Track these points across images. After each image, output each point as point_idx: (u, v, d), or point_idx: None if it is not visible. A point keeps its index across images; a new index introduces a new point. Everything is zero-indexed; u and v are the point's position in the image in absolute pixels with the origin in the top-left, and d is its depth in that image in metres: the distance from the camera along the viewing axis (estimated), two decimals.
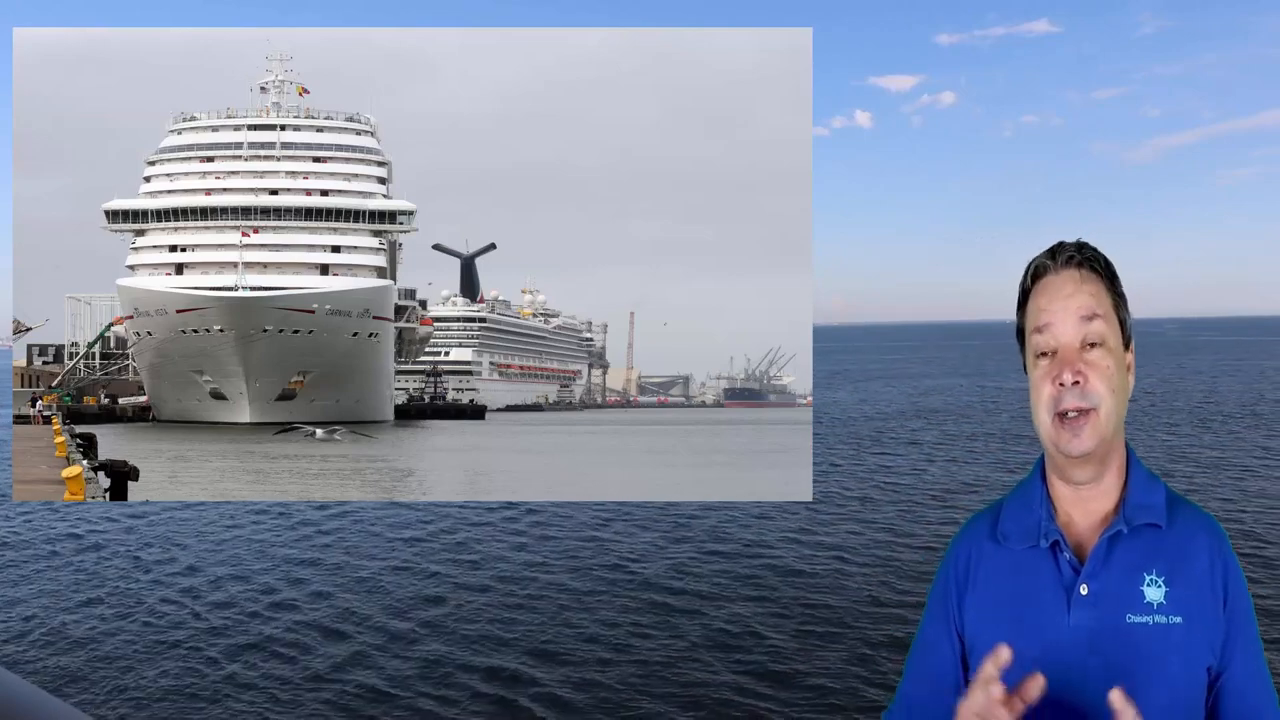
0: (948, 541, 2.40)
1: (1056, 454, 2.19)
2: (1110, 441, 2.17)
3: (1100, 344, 2.16)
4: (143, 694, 16.67)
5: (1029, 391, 2.24)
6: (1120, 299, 2.22)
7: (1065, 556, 2.18)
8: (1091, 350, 2.16)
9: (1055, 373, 2.15)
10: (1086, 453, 2.14)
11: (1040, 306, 2.20)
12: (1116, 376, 2.16)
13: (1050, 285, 2.21)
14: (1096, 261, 2.21)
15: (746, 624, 19.59)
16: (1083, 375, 2.13)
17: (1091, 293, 2.18)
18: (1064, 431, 2.14)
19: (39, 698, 1.26)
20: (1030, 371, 2.23)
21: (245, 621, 20.51)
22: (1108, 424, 2.14)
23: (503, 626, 19.81)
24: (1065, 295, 2.18)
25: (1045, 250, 2.25)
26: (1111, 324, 2.19)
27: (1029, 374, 2.24)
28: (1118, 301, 2.22)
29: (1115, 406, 2.16)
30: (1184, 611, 2.09)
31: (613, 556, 25.33)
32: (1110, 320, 2.19)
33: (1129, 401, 2.25)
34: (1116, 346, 2.19)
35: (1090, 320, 2.16)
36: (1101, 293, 2.19)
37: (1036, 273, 2.24)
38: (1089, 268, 2.20)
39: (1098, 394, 2.13)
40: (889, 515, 29.88)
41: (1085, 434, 2.13)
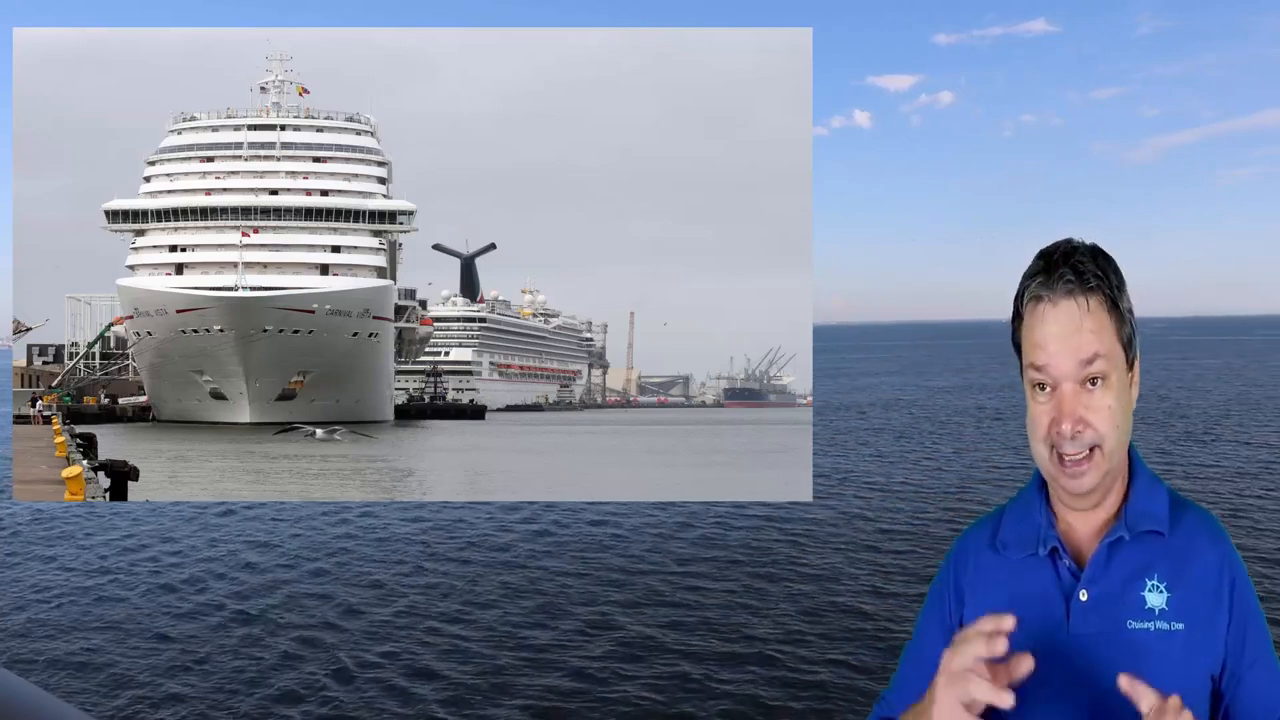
0: (947, 541, 2.37)
1: (1056, 486, 2.13)
2: (1114, 471, 2.11)
3: (1102, 380, 2.05)
4: (143, 693, 16.67)
5: (1025, 404, 2.15)
6: (1123, 318, 2.07)
7: (1064, 563, 2.13)
8: (1093, 389, 2.04)
9: (1054, 415, 2.06)
10: (1089, 491, 2.09)
11: (1036, 342, 2.06)
12: (1119, 411, 2.06)
13: (1047, 317, 2.05)
14: (1097, 283, 2.04)
15: (746, 623, 19.59)
16: (1083, 424, 2.03)
17: (1093, 329, 2.03)
18: (1063, 473, 2.07)
19: (39, 698, 1.25)
20: (1027, 397, 2.13)
21: (245, 621, 20.50)
22: (1110, 459, 2.07)
23: (502, 626, 19.80)
24: (1063, 336, 2.03)
25: (1042, 260, 2.08)
26: (1113, 357, 2.06)
27: (1025, 388, 2.14)
28: (1121, 322, 2.07)
29: (1119, 440, 2.07)
30: (1186, 618, 2.05)
31: (612, 556, 25.32)
32: (1112, 353, 2.05)
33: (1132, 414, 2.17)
34: (1119, 375, 2.07)
35: (1091, 362, 2.03)
36: (1103, 325, 2.04)
37: (1032, 297, 2.08)
38: (1088, 293, 2.03)
39: (1099, 436, 2.05)
40: (889, 515, 29.88)
41: (1087, 475, 2.06)
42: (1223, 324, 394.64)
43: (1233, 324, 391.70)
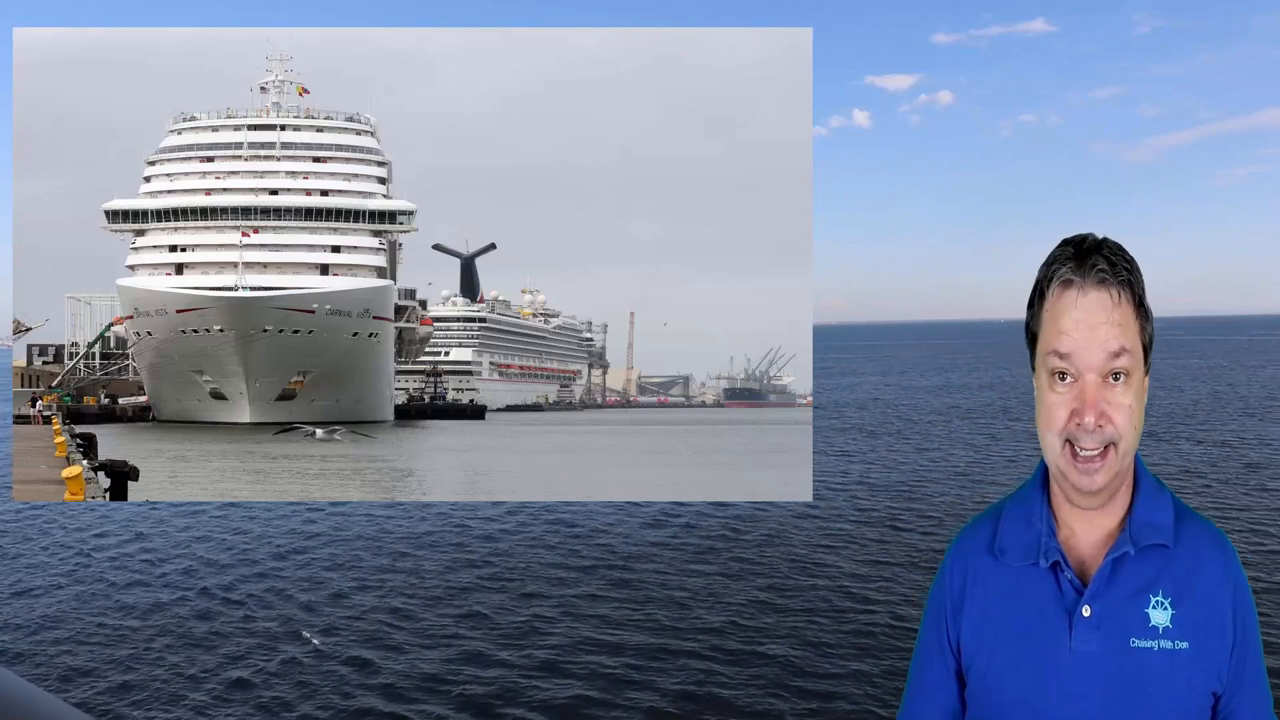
0: (947, 542, 2.32)
1: (1064, 483, 2.07)
2: (1123, 474, 2.06)
3: (1125, 377, 2.00)
4: (143, 693, 16.67)
5: (1036, 400, 2.10)
6: (1146, 318, 2.04)
7: (1067, 577, 2.07)
8: (1115, 384, 2.00)
9: (1075, 407, 2.00)
10: (1100, 490, 2.03)
11: (1063, 328, 2.00)
12: (1137, 411, 2.02)
13: (1077, 305, 2.00)
14: (1128, 278, 2.00)
15: (746, 623, 19.59)
16: (1105, 418, 1.98)
17: (1120, 322, 1.99)
18: (1076, 468, 2.01)
19: (39, 698, 1.25)
20: (1042, 387, 2.07)
21: (245, 621, 20.50)
22: (1123, 460, 2.03)
23: (501, 625, 19.80)
24: (1092, 324, 1.98)
25: (1070, 250, 2.03)
26: (1136, 354, 2.02)
27: (1039, 390, 2.08)
28: (1144, 323, 2.03)
29: (1133, 442, 2.03)
30: (1191, 635, 2.01)
31: (612, 556, 25.32)
32: (1135, 350, 2.01)
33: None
34: (1138, 375, 2.03)
35: (1118, 356, 1.99)
36: (1130, 320, 2.00)
37: (1061, 282, 2.02)
38: (1119, 286, 1.99)
39: (1118, 433, 2.00)
40: (889, 515, 29.87)
41: (1100, 473, 2.01)
42: (1211, 324, 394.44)
43: (1223, 324, 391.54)
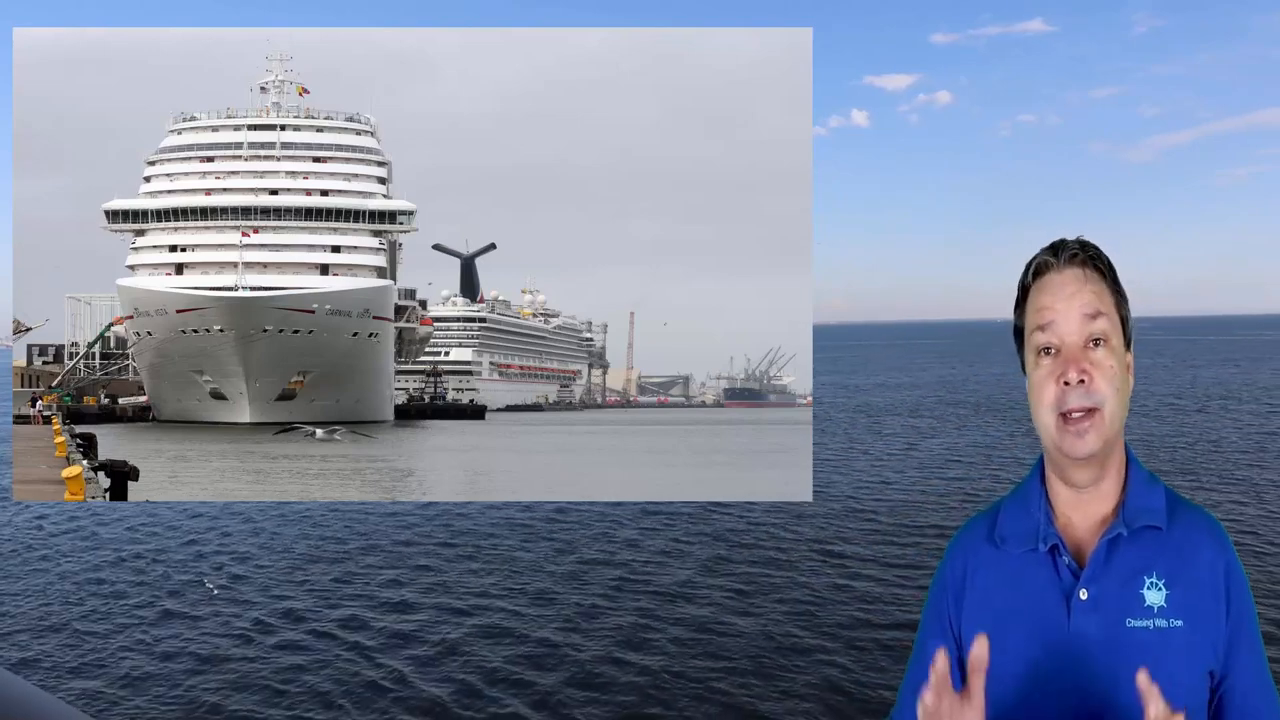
0: (947, 541, 2.38)
1: (1058, 455, 2.15)
2: (1112, 443, 2.14)
3: (1104, 342, 2.13)
4: (143, 693, 16.68)
5: (1028, 392, 2.20)
6: (1122, 298, 2.19)
7: (1064, 560, 2.15)
8: (1095, 349, 2.12)
9: (1059, 371, 2.12)
10: (1091, 454, 2.11)
11: (1043, 304, 2.16)
12: (1119, 376, 2.13)
13: (1053, 283, 2.17)
14: (1099, 260, 2.18)
15: (746, 624, 19.59)
16: (1087, 374, 2.10)
17: (1095, 291, 2.14)
18: (1067, 433, 2.11)
19: (39, 698, 1.25)
20: (1030, 371, 2.19)
21: (245, 620, 20.51)
22: (1111, 425, 2.11)
23: (501, 626, 19.81)
24: (1069, 294, 2.14)
25: (1046, 247, 2.21)
26: (1114, 323, 2.16)
27: (1028, 374, 2.20)
28: (1119, 300, 2.18)
29: (1118, 407, 2.13)
30: (1185, 614, 2.07)
31: (612, 556, 25.33)
32: (1113, 319, 2.15)
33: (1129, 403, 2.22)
34: (1119, 346, 2.16)
35: (1094, 319, 2.13)
36: (1104, 291, 2.16)
37: (1038, 270, 2.20)
38: (1092, 266, 2.17)
39: (1102, 394, 2.10)
40: (889, 515, 29.87)
41: (1090, 436, 2.09)
42: (1202, 324, 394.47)
43: (1215, 323, 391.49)
